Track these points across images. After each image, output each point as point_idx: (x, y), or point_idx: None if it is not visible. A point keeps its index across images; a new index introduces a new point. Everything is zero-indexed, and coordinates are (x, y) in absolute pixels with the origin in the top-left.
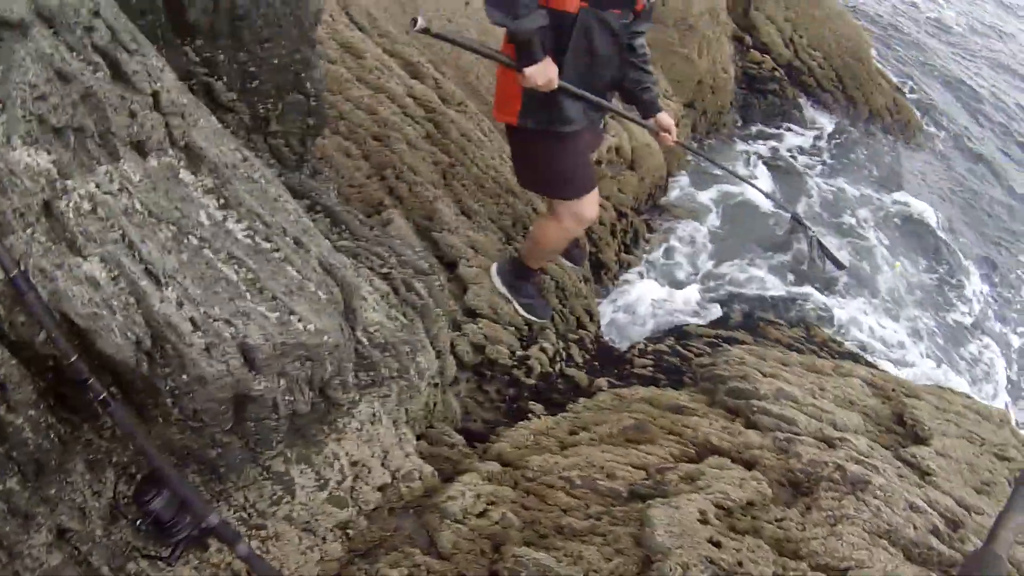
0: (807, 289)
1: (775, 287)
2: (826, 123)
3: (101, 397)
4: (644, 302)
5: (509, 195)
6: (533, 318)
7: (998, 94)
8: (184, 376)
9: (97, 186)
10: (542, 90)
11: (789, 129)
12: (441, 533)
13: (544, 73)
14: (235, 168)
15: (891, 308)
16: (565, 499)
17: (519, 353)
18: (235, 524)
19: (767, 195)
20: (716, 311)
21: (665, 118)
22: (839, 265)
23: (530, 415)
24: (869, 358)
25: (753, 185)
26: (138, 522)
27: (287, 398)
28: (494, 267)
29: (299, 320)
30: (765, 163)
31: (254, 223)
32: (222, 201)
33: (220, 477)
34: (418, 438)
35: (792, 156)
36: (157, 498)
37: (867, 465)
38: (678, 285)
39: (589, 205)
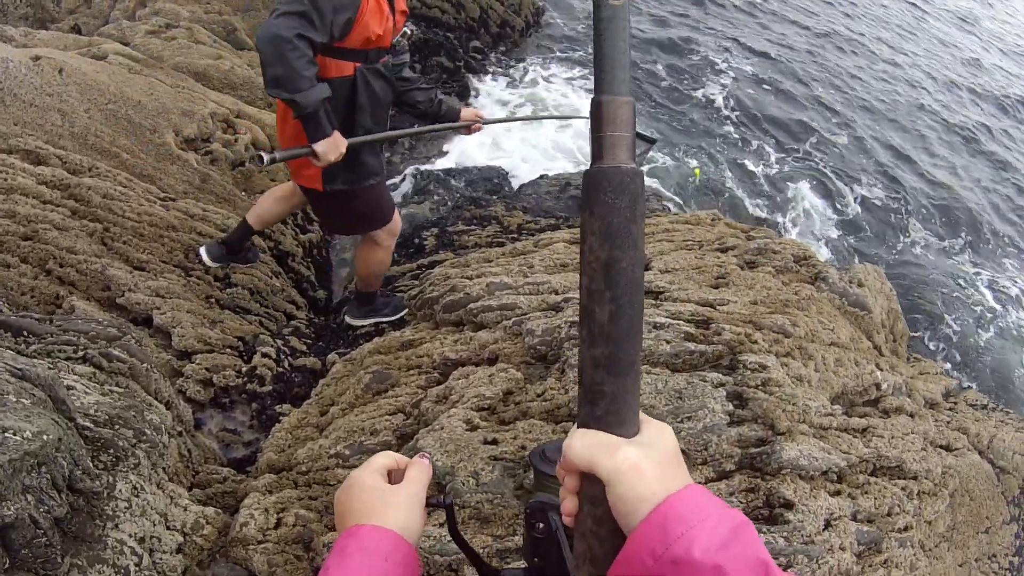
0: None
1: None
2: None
3: None
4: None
5: (170, 231)
6: (398, 316)
7: None
8: None
9: None
10: (336, 161)
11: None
12: (253, 560)
13: (336, 148)
14: None
15: None
16: (344, 473)
17: (245, 369)
18: None
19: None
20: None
21: (467, 110)
22: (650, 140)
23: (281, 417)
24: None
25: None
26: None
27: (41, 509)
28: (345, 315)
29: (14, 434)
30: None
31: None
32: None
33: None
34: (190, 488)
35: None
36: None
37: None
38: None
39: (397, 219)
